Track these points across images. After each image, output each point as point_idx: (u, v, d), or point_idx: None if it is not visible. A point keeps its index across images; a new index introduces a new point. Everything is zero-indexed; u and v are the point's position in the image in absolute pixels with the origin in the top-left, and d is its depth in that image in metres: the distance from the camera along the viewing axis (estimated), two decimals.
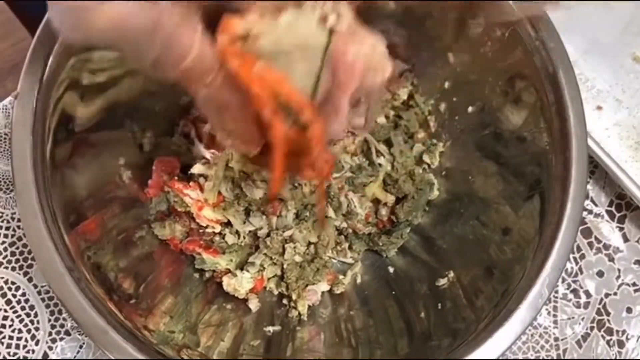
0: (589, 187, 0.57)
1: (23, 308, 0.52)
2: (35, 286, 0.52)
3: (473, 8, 0.41)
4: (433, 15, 0.49)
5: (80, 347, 0.52)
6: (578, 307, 0.55)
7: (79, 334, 0.52)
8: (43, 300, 0.52)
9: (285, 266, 0.52)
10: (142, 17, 0.27)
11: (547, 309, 0.55)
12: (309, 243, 0.54)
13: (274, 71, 0.30)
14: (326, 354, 0.49)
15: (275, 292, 0.54)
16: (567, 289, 0.55)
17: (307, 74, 0.31)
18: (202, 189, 0.51)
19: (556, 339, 0.54)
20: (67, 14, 0.27)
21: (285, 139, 0.31)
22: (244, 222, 0.52)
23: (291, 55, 0.30)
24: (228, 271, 0.52)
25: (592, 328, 0.54)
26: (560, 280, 0.54)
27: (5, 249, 0.53)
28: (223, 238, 0.52)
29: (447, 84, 0.53)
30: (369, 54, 0.31)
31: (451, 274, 0.49)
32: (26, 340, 0.52)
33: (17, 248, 0.53)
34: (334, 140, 0.34)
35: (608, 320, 0.55)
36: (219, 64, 0.30)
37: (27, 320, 0.52)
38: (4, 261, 0.53)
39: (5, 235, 0.53)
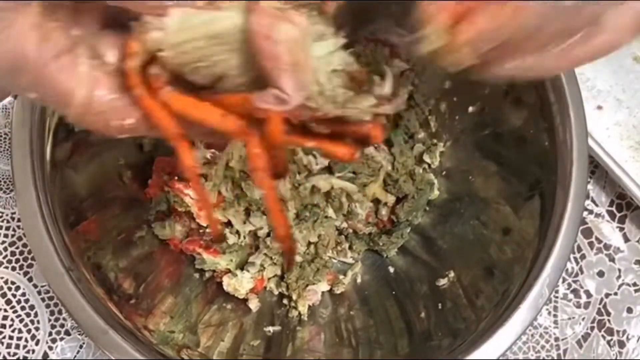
0: (589, 187, 0.57)
1: (23, 308, 0.52)
2: (35, 286, 0.52)
3: None
4: None
5: (80, 347, 0.52)
6: (578, 307, 0.55)
7: (79, 334, 0.52)
8: (43, 300, 0.52)
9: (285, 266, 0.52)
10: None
11: (547, 309, 0.55)
12: (309, 243, 0.54)
13: (181, 98, 0.27)
14: (326, 354, 0.49)
15: (276, 292, 0.54)
16: (568, 289, 0.55)
17: (238, 59, 0.27)
18: None
19: (556, 339, 0.54)
20: None
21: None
22: (244, 222, 0.52)
23: (208, 49, 0.27)
24: (228, 271, 0.52)
25: (592, 328, 0.54)
26: (560, 280, 0.54)
27: (5, 249, 0.53)
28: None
29: (447, 84, 0.53)
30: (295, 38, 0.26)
31: (451, 274, 0.49)
32: (26, 340, 0.52)
33: (17, 248, 0.53)
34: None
35: (608, 320, 0.55)
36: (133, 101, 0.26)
37: (27, 320, 0.52)
38: (4, 261, 0.53)
39: (5, 235, 0.53)
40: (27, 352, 0.51)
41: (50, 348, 0.52)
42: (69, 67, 0.24)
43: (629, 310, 0.55)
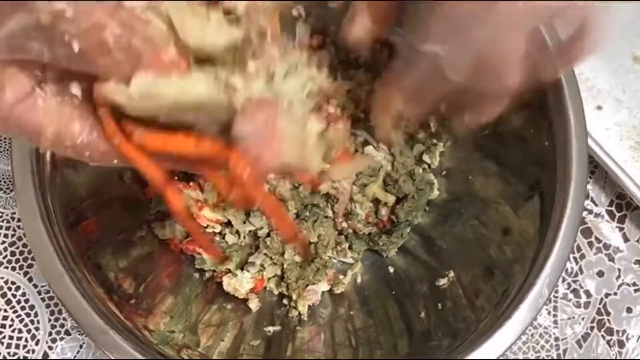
0: (589, 187, 0.57)
1: (23, 308, 0.52)
2: (35, 286, 0.52)
3: None
4: None
5: (80, 347, 0.52)
6: (578, 307, 0.55)
7: (79, 334, 0.52)
8: (43, 300, 0.52)
9: (285, 266, 0.52)
10: None
11: (547, 309, 0.55)
12: (309, 243, 0.54)
13: (153, 136, 0.27)
14: (326, 354, 0.49)
15: (276, 292, 0.54)
16: (568, 288, 0.55)
17: (204, 119, 0.27)
18: (202, 189, 0.51)
19: (556, 339, 0.54)
20: None
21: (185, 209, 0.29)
22: (244, 222, 0.52)
23: (171, 114, 0.26)
24: (228, 271, 0.52)
25: (592, 328, 0.54)
26: (560, 280, 0.54)
27: (5, 249, 0.53)
28: (223, 238, 0.52)
29: None
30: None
31: (451, 274, 0.49)
32: (26, 340, 0.52)
33: (17, 248, 0.53)
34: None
35: (608, 320, 0.55)
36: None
37: (27, 320, 0.52)
38: (4, 261, 0.53)
39: (5, 235, 0.53)
40: (27, 352, 0.51)
41: (50, 348, 0.52)
42: (35, 107, 0.24)
43: (629, 310, 0.55)
